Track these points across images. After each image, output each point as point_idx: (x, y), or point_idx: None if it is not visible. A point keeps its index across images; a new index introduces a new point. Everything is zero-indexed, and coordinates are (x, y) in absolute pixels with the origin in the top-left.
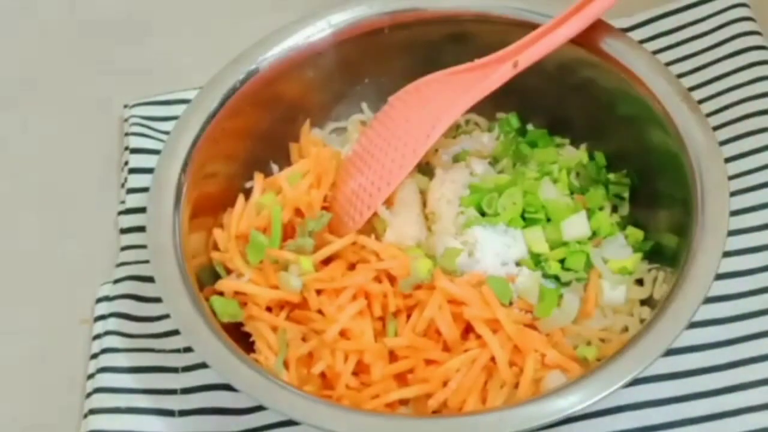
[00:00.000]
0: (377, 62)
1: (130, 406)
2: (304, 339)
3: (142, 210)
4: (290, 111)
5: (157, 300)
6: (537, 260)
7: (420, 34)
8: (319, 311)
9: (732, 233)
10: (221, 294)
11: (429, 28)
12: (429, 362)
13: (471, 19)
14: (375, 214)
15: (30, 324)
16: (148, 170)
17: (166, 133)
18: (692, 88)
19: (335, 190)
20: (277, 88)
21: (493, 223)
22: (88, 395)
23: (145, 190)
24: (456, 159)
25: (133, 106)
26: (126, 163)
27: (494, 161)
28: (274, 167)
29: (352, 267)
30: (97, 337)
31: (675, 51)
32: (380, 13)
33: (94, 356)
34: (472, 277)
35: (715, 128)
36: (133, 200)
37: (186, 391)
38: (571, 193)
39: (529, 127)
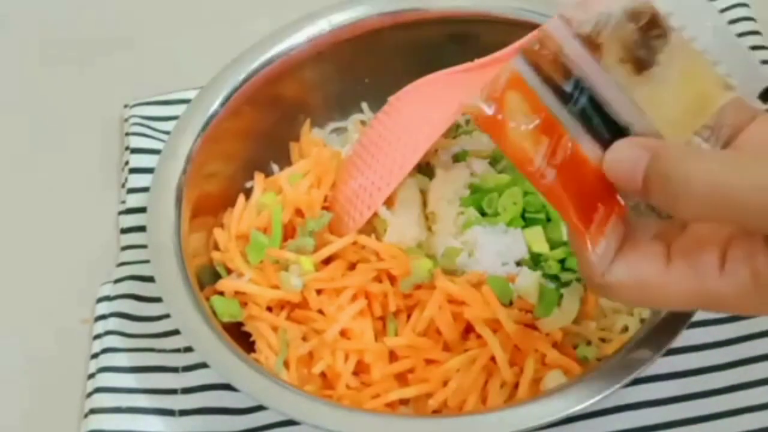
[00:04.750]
0: (377, 62)
1: (130, 406)
2: (304, 339)
3: (142, 210)
4: (290, 111)
5: (158, 300)
6: (537, 260)
7: (420, 34)
8: (320, 311)
9: None
10: (222, 294)
11: (429, 28)
12: (429, 362)
13: (471, 19)
14: (375, 214)
15: (30, 324)
16: (149, 170)
17: (167, 132)
18: None
19: (335, 190)
20: (277, 88)
21: (493, 223)
22: (89, 395)
23: (145, 189)
24: (456, 159)
25: (134, 105)
26: (126, 162)
27: (494, 161)
28: (275, 167)
29: (352, 267)
30: (97, 336)
31: None
32: (381, 13)
33: (95, 356)
34: (472, 277)
35: None
36: (134, 200)
37: (186, 390)
38: None
39: None
